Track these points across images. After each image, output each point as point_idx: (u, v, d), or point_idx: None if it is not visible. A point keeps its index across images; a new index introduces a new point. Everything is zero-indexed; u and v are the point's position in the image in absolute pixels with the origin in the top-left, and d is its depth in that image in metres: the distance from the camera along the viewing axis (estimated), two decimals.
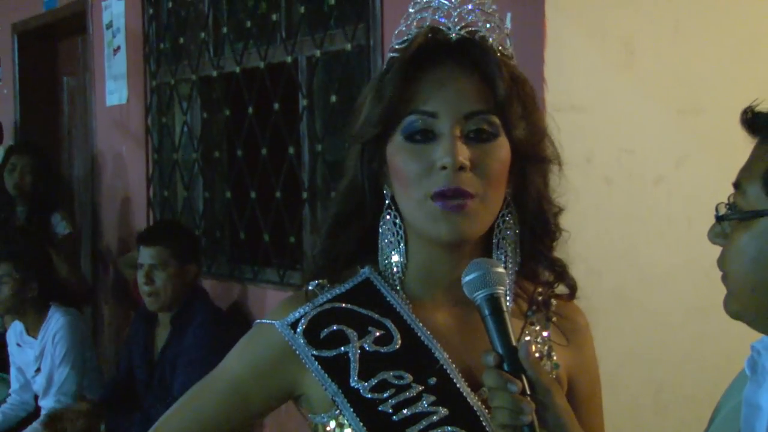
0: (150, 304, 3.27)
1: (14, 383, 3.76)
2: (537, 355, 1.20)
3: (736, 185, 1.04)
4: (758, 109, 1.04)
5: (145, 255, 3.25)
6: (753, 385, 1.07)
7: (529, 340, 1.20)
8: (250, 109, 3.62)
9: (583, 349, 1.26)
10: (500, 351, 1.05)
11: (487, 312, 1.07)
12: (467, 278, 1.09)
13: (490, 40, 1.17)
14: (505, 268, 1.17)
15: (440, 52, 1.16)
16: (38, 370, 3.60)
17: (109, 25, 4.60)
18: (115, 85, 4.58)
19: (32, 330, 3.63)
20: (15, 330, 3.72)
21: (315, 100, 3.35)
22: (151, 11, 4.24)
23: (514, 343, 1.06)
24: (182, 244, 3.29)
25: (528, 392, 1.04)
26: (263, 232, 3.58)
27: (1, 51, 6.10)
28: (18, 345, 3.69)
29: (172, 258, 3.22)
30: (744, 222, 1.02)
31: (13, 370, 3.76)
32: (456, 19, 1.17)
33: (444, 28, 1.17)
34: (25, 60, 5.82)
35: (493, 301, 1.07)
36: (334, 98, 3.21)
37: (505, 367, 1.05)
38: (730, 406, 1.13)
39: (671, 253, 2.44)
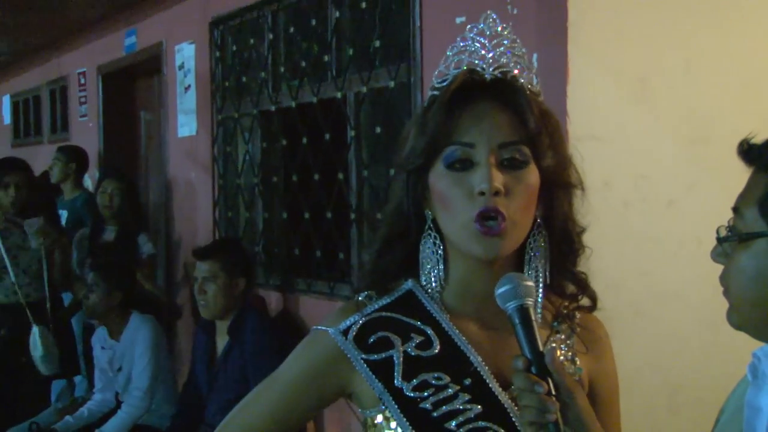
0: (202, 313, 3.28)
1: (98, 383, 3.81)
2: (561, 359, 1.20)
3: (735, 210, 1.04)
4: (753, 141, 1.04)
5: (199, 269, 3.27)
6: (754, 389, 1.07)
7: (554, 347, 1.20)
8: (305, 140, 3.66)
9: (603, 358, 1.25)
10: (528, 356, 1.06)
11: (517, 321, 1.07)
12: (500, 290, 1.09)
13: (521, 80, 1.18)
14: (536, 281, 1.18)
15: (476, 90, 1.17)
16: (119, 369, 3.66)
17: (181, 66, 4.69)
18: (186, 119, 4.66)
19: (115, 334, 3.69)
20: (99, 335, 3.78)
21: (362, 131, 3.39)
22: (217, 54, 4.32)
23: (540, 349, 1.07)
24: (231, 258, 3.27)
25: (553, 393, 1.04)
26: (315, 248, 3.62)
27: (87, 89, 6.25)
28: (102, 348, 3.75)
29: (221, 271, 3.21)
30: (742, 243, 1.02)
31: (97, 371, 3.82)
32: (490, 61, 1.18)
33: (479, 69, 1.18)
34: (108, 97, 5.94)
35: (523, 311, 1.07)
36: (378, 129, 3.24)
37: (533, 370, 1.05)
38: (733, 409, 1.12)
39: (682, 269, 2.42)
